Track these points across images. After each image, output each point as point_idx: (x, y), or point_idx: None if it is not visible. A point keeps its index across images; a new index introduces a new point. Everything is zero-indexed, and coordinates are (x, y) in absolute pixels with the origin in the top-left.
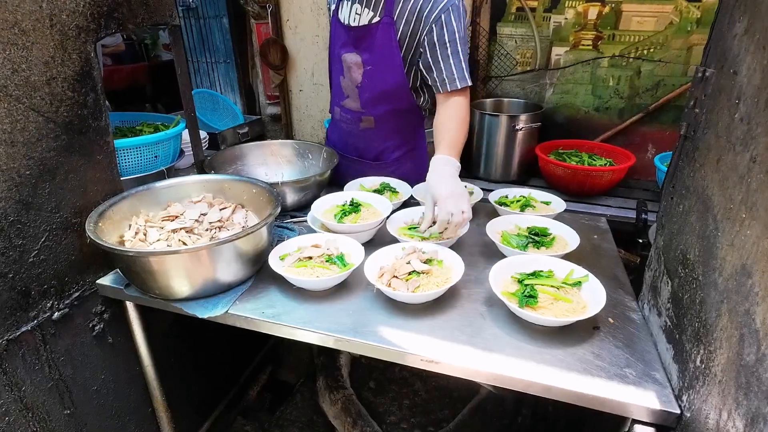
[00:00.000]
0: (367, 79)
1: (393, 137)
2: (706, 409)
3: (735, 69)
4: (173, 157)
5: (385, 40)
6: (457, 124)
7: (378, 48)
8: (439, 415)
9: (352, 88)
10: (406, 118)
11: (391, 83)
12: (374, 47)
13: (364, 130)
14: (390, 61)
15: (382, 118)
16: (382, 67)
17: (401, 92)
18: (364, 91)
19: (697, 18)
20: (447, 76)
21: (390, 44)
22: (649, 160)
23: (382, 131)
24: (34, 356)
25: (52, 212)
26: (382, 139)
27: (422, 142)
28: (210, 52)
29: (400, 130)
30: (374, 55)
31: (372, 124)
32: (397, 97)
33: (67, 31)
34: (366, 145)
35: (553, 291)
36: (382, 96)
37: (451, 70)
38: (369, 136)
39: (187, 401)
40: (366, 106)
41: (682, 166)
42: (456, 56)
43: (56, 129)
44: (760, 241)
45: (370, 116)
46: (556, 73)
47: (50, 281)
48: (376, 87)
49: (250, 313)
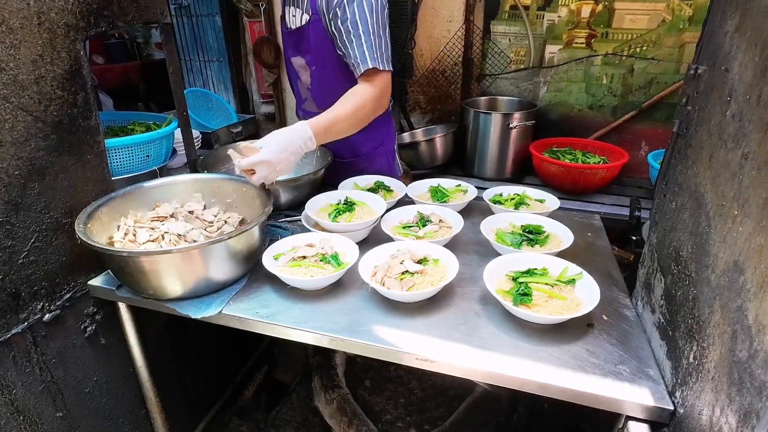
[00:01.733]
0: (315, 79)
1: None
2: (700, 405)
3: (727, 66)
4: (165, 156)
5: (318, 37)
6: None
7: (314, 47)
8: (435, 414)
9: (306, 91)
10: None
11: (338, 80)
12: (311, 47)
13: None
14: (329, 57)
15: None
16: (323, 64)
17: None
18: (315, 92)
19: (689, 16)
20: (353, 60)
21: (324, 40)
22: (642, 158)
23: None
24: (25, 358)
25: (42, 213)
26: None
27: (390, 139)
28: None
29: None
30: (314, 55)
31: None
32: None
33: (55, 29)
34: (334, 145)
35: (548, 289)
36: (333, 93)
37: (355, 53)
38: None
39: (182, 402)
40: (322, 106)
41: (674, 163)
42: (360, 38)
43: (45, 128)
44: (753, 237)
45: None
46: (549, 71)
47: (40, 283)
48: (326, 86)
49: (244, 313)
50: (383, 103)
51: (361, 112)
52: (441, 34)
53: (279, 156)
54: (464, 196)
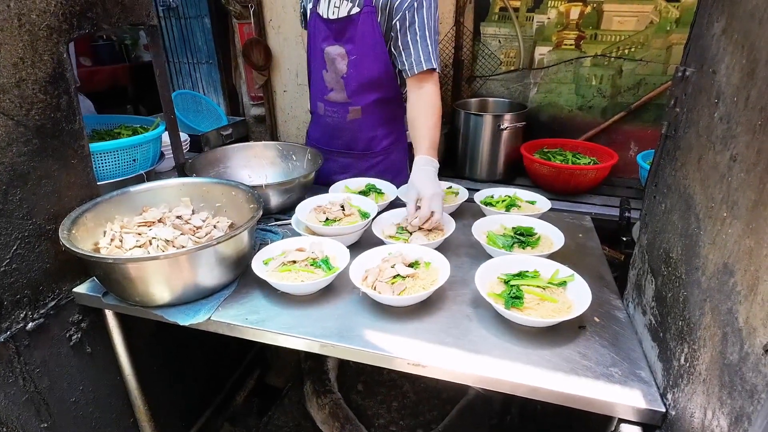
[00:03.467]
0: (353, 68)
1: (380, 127)
2: (691, 408)
3: (714, 68)
4: (153, 160)
5: (367, 28)
6: (436, 120)
7: (361, 37)
8: (428, 417)
9: (336, 80)
10: (391, 107)
11: (377, 71)
12: (357, 37)
13: (351, 121)
14: (375, 48)
15: (369, 108)
16: (367, 55)
17: (387, 80)
18: (350, 81)
19: (677, 18)
20: (415, 59)
21: (373, 32)
22: (631, 158)
23: (369, 121)
24: (8, 369)
25: (24, 219)
26: (370, 129)
27: (404, 134)
28: (192, 52)
29: (386, 119)
30: (358, 45)
31: (359, 115)
32: (384, 85)
33: (37, 32)
34: (354, 137)
35: (539, 291)
36: (368, 85)
37: (419, 53)
38: (357, 127)
39: (172, 409)
40: (353, 96)
41: (663, 164)
42: (424, 41)
43: (27, 133)
44: (742, 239)
45: (358, 106)
46: (539, 73)
47: (23, 291)
48: (363, 76)
49: (233, 319)
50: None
51: (439, 113)
52: None
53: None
54: (455, 198)
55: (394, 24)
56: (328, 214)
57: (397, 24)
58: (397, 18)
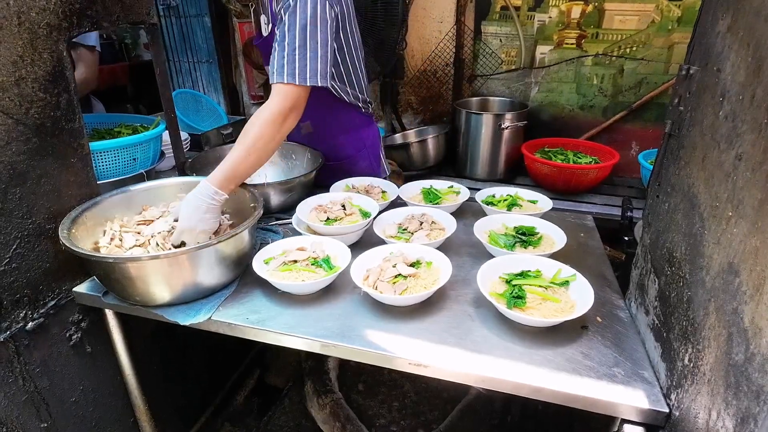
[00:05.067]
0: None
1: (338, 136)
2: (695, 409)
3: (719, 66)
4: (153, 159)
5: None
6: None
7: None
8: (429, 417)
9: None
10: (344, 116)
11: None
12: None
13: (306, 135)
14: None
15: (317, 121)
16: None
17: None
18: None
19: (678, 17)
20: (271, 67)
21: None
22: (633, 158)
23: (322, 133)
24: (7, 368)
25: (24, 218)
26: (328, 140)
27: (375, 140)
28: (192, 51)
29: (342, 128)
30: None
31: (310, 129)
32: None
33: (36, 30)
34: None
35: (541, 291)
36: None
37: (274, 61)
38: (314, 140)
39: (172, 409)
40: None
41: (667, 164)
42: (281, 50)
43: (27, 131)
44: (747, 239)
45: (306, 122)
46: (540, 72)
47: (23, 290)
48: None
49: (234, 319)
50: (288, 123)
51: (260, 143)
52: (432, 35)
53: (193, 221)
54: (457, 197)
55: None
56: (329, 213)
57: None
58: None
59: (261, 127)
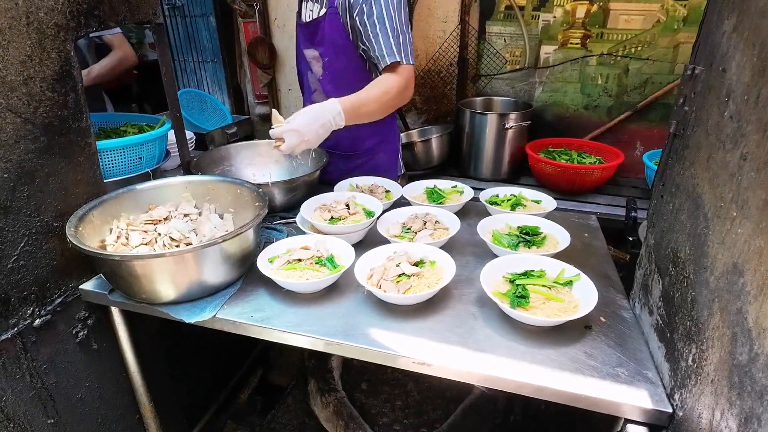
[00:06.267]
0: (327, 70)
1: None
2: (699, 409)
3: (724, 67)
4: (159, 158)
5: (333, 29)
6: (378, 91)
7: (329, 38)
8: (432, 416)
9: (316, 82)
10: None
11: (350, 71)
12: (326, 39)
13: None
14: (344, 49)
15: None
16: (337, 56)
17: (362, 79)
18: (326, 83)
19: (684, 16)
20: (379, 53)
21: (340, 33)
22: (637, 158)
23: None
24: (15, 365)
25: (32, 216)
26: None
27: (394, 136)
28: (197, 51)
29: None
30: (328, 47)
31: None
32: (359, 85)
33: (45, 30)
34: (337, 137)
35: (545, 291)
36: (343, 85)
37: (381, 46)
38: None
39: (176, 406)
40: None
41: (671, 164)
42: (384, 33)
43: (35, 130)
44: (752, 239)
45: None
46: (545, 72)
47: (30, 287)
48: (337, 77)
49: (239, 317)
50: (407, 94)
51: (387, 96)
52: (436, 35)
53: (309, 126)
54: (460, 197)
55: (355, 19)
56: (333, 212)
57: (357, 19)
58: (356, 13)
59: (390, 86)
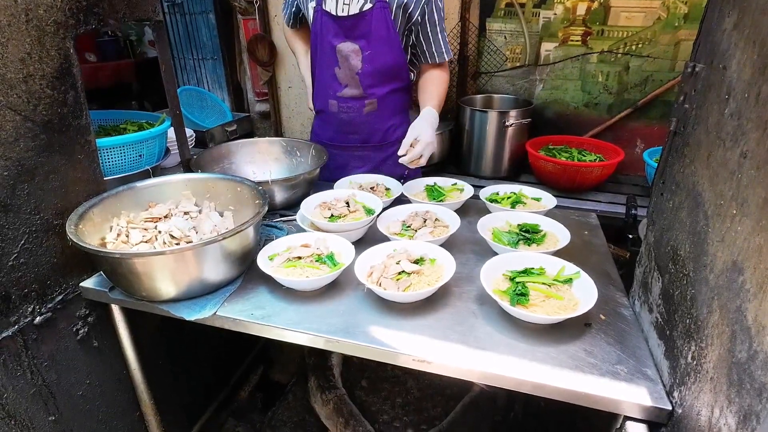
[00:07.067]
0: (368, 64)
1: (394, 117)
2: (698, 406)
3: (725, 64)
4: (159, 156)
5: (381, 24)
6: (444, 88)
7: (375, 33)
8: (432, 413)
9: (351, 76)
10: (404, 96)
11: (392, 64)
12: (371, 33)
13: (368, 114)
14: (389, 42)
15: (384, 99)
16: (382, 49)
17: (400, 71)
18: (365, 77)
19: (685, 13)
20: (436, 50)
21: (387, 27)
22: (637, 156)
23: (385, 112)
24: (16, 362)
25: (32, 214)
26: (386, 120)
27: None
28: (197, 48)
29: (400, 109)
30: (373, 40)
31: (375, 107)
32: (398, 76)
33: (44, 27)
34: (370, 130)
35: (545, 288)
36: (384, 77)
37: (440, 44)
38: (373, 120)
39: (177, 403)
40: (368, 89)
41: (671, 161)
42: (443, 33)
43: (35, 128)
44: (752, 237)
45: (374, 99)
46: (545, 69)
47: (31, 285)
48: (378, 70)
49: (239, 314)
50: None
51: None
52: None
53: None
54: (460, 194)
55: (416, 18)
56: (333, 210)
57: (418, 18)
58: (417, 13)
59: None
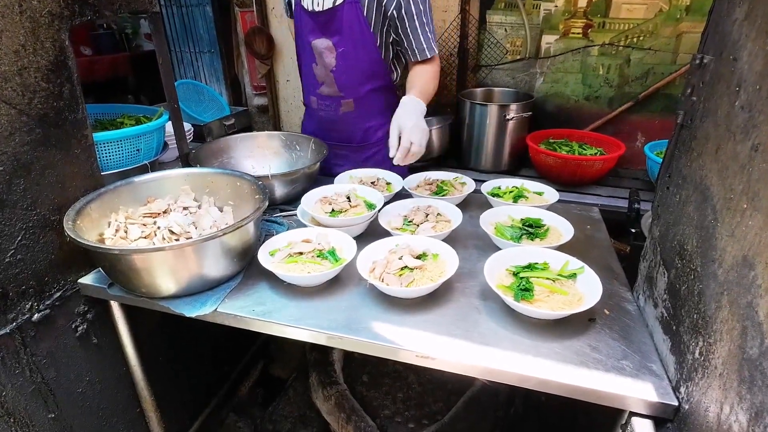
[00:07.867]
0: (342, 61)
1: (374, 118)
2: (706, 402)
3: (735, 56)
4: (157, 150)
5: (353, 20)
6: (428, 77)
7: (347, 29)
8: (434, 408)
9: (326, 74)
10: (384, 97)
11: (367, 62)
12: (343, 29)
13: (344, 114)
14: (361, 39)
15: (362, 100)
16: (355, 47)
17: (378, 70)
18: (339, 75)
19: (687, 5)
20: (417, 47)
21: (359, 22)
22: (638, 149)
23: (362, 113)
24: (14, 359)
25: (28, 210)
26: (365, 120)
27: None
28: (193, 41)
29: (380, 109)
30: (345, 37)
31: (352, 107)
32: (374, 75)
33: (38, 18)
34: (349, 129)
35: (549, 283)
36: (358, 77)
37: (420, 40)
38: (350, 120)
39: (177, 400)
40: (343, 89)
41: (678, 155)
42: (423, 28)
43: (30, 122)
44: (763, 232)
45: (349, 99)
46: (546, 62)
47: (29, 282)
48: (352, 68)
49: (240, 311)
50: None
51: (432, 83)
52: (436, 24)
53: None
54: (462, 189)
55: (391, 13)
56: (334, 205)
57: (394, 13)
58: (392, 7)
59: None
